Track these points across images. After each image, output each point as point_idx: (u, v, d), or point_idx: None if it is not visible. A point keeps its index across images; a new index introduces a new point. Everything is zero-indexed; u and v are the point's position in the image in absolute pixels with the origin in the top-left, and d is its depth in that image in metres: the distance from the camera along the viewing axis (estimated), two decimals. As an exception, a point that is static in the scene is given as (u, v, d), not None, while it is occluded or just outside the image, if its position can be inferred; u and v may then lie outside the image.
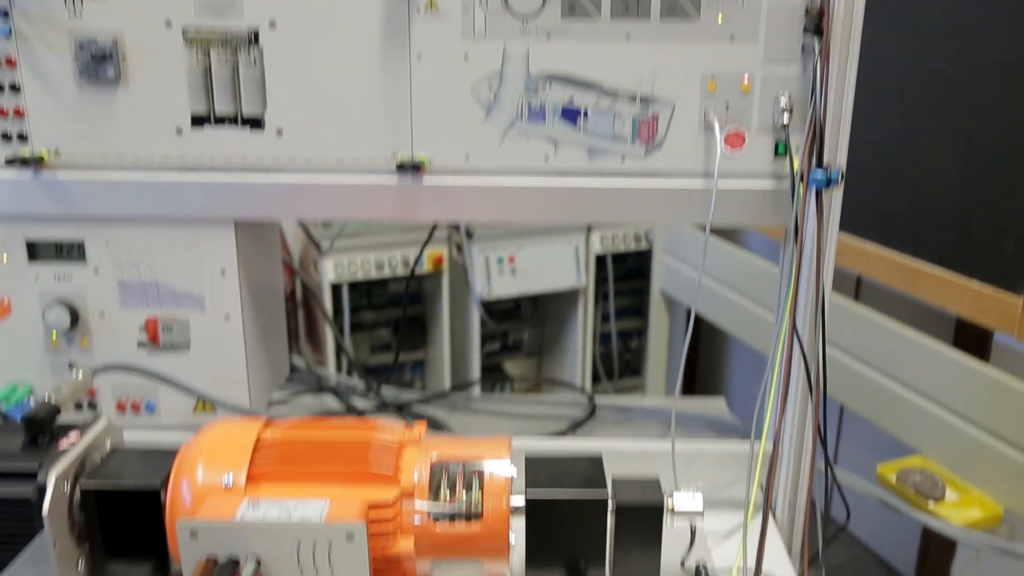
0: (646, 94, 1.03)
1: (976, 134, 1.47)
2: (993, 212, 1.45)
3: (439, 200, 1.08)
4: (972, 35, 1.46)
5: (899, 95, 1.53)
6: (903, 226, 1.60)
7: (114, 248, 1.15)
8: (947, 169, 1.53)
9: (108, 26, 1.05)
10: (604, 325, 3.11)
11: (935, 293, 1.54)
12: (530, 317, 3.12)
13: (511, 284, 2.71)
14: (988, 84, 1.44)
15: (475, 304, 2.76)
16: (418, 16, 1.02)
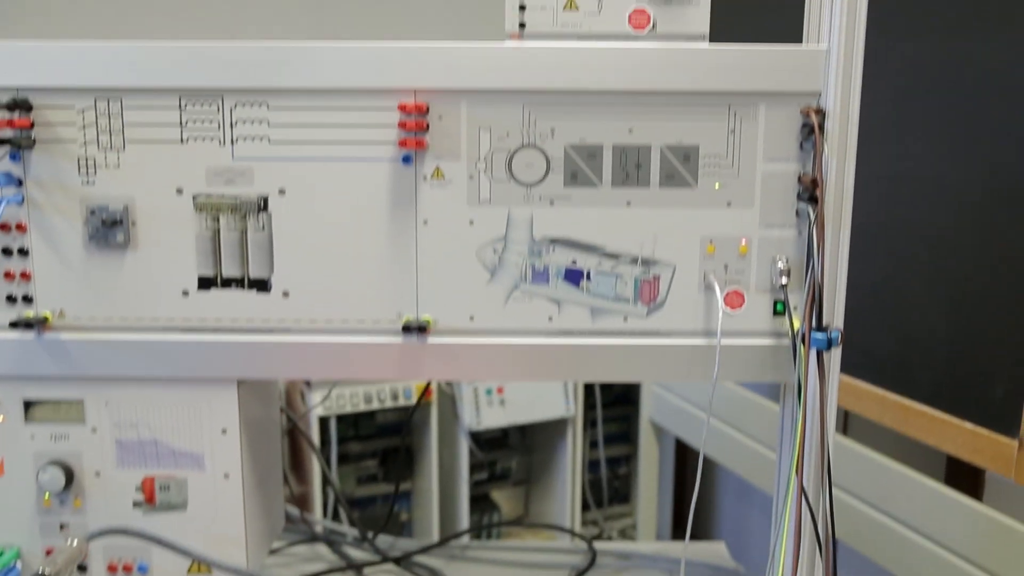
0: (647, 257, 1.06)
1: (960, 278, 1.52)
2: (982, 355, 1.47)
3: (444, 360, 1.09)
4: (950, 184, 1.52)
5: (884, 239, 1.58)
6: (893, 366, 1.62)
7: (114, 408, 1.15)
8: (933, 311, 1.57)
9: (120, 193, 1.08)
10: (592, 451, 3.09)
11: (928, 432, 1.55)
12: (518, 445, 3.10)
13: (500, 415, 2.70)
14: (969, 229, 1.50)
15: (464, 435, 2.74)
16: (424, 184, 1.06)
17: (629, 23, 1.02)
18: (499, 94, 1.03)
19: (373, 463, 2.89)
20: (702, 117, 1.03)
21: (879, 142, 1.55)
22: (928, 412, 1.55)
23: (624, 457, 3.20)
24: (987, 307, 1.45)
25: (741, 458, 2.29)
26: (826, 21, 1.01)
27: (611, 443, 3.12)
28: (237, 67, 1.04)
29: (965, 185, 1.48)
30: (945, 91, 1.52)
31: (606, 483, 3.09)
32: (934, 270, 1.56)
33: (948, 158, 1.51)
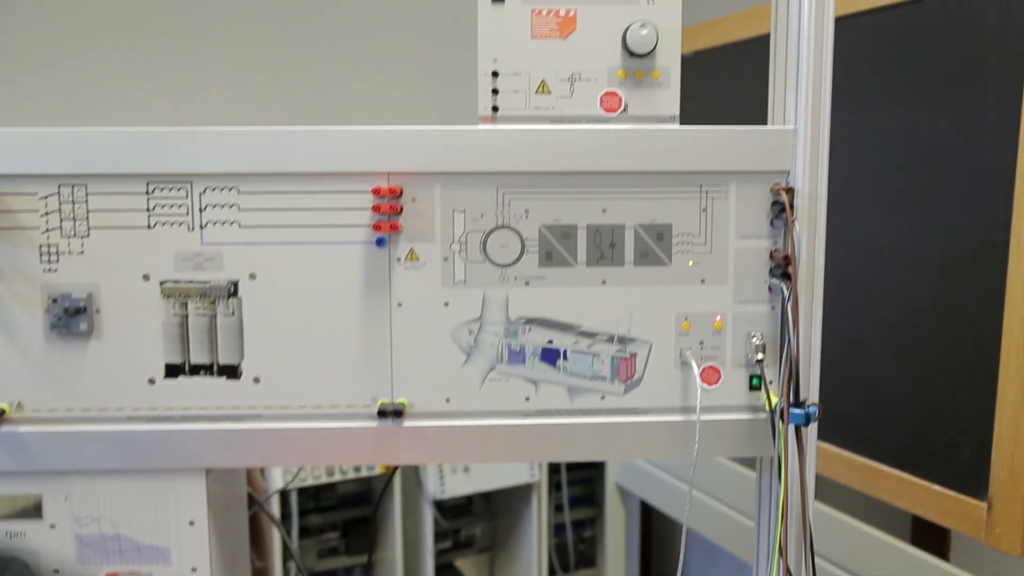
0: (623, 335, 1.06)
1: (923, 342, 1.55)
2: (947, 417, 1.50)
3: (420, 443, 1.07)
4: (910, 250, 1.56)
5: (848, 305, 1.61)
6: (859, 429, 1.64)
7: (74, 502, 1.10)
8: (898, 375, 1.59)
9: (83, 280, 1.05)
10: (557, 515, 3.05)
11: (896, 495, 1.56)
12: (482, 512, 3.05)
13: (465, 483, 2.66)
14: (930, 294, 1.53)
15: (428, 504, 2.69)
16: (398, 266, 1.05)
17: (601, 106, 1.04)
18: (473, 176, 1.03)
19: (335, 535, 2.82)
20: (674, 196, 1.04)
21: (840, 210, 1.59)
22: (896, 474, 1.56)
23: (589, 520, 3.16)
24: (950, 370, 1.48)
25: (707, 520, 2.29)
26: (791, 102, 1.04)
27: (576, 506, 3.09)
28: (207, 152, 1.03)
29: (924, 251, 1.52)
30: (903, 161, 1.56)
31: (572, 547, 3.05)
32: (897, 334, 1.58)
33: (907, 226, 1.55)
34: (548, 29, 1.03)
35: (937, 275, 1.50)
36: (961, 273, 1.45)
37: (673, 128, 1.04)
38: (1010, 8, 1.36)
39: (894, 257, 1.58)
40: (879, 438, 1.61)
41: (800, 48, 1.02)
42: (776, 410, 1.00)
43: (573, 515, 3.05)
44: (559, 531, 3.07)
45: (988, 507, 1.38)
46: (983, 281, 1.39)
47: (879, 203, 1.60)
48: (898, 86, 1.58)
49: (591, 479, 3.12)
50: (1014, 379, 1.33)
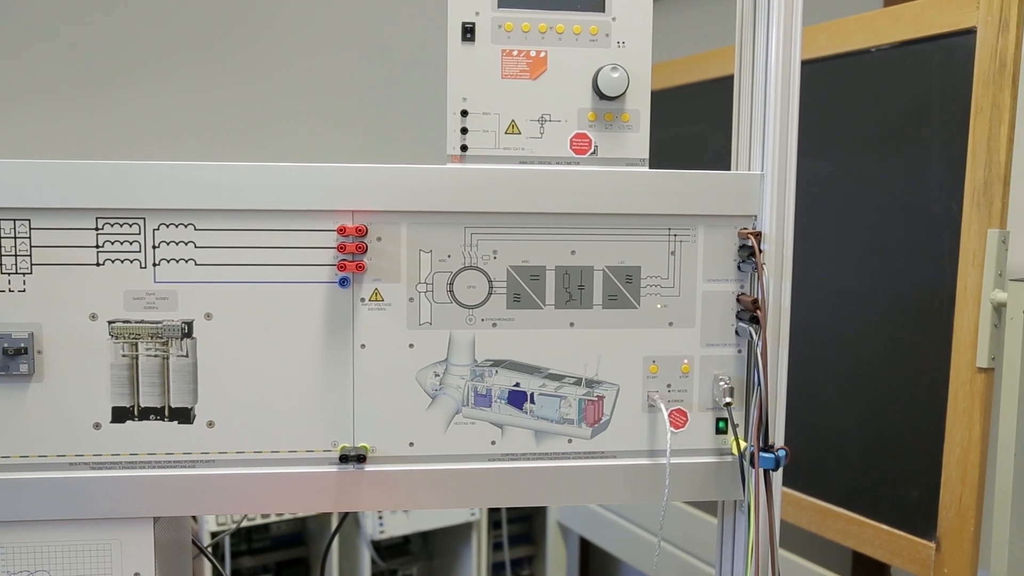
0: (591, 377, 1.05)
1: (871, 383, 1.57)
2: (895, 458, 1.52)
3: (382, 489, 1.03)
4: (857, 292, 1.59)
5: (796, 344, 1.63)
6: (808, 469, 1.66)
7: (8, 554, 1.03)
8: (846, 415, 1.62)
9: (25, 320, 0.99)
10: (496, 554, 3.01)
11: (844, 534, 1.58)
12: (420, 552, 2.99)
13: (404, 523, 2.60)
14: (876, 335, 1.56)
15: (365, 544, 2.62)
16: (362, 307, 1.02)
17: (571, 147, 1.03)
18: (441, 216, 1.02)
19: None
20: (643, 239, 1.04)
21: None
22: (845, 514, 1.58)
23: (527, 558, 3.13)
24: (900, 412, 1.51)
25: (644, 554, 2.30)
26: (757, 146, 1.05)
27: (515, 544, 3.05)
28: (162, 186, 0.99)
29: (873, 295, 1.55)
30: (851, 207, 1.60)
31: (510, 586, 3.01)
32: (848, 376, 1.61)
33: (856, 270, 1.58)
34: (518, 69, 1.02)
35: (886, 319, 1.53)
36: (910, 317, 1.48)
37: (642, 171, 1.04)
38: (952, 60, 1.41)
39: (843, 301, 1.61)
40: (829, 479, 1.63)
41: (767, 92, 1.03)
42: (745, 454, 1.00)
43: (512, 553, 3.02)
44: (498, 569, 3.03)
45: (936, 547, 1.40)
46: (931, 325, 1.42)
47: (828, 248, 1.63)
48: (845, 134, 1.62)
49: (530, 516, 3.09)
50: (962, 420, 1.36)
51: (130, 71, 2.46)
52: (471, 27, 1.01)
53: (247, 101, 2.59)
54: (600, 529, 2.59)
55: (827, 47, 1.63)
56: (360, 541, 2.67)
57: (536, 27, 1.02)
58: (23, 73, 2.36)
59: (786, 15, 1.02)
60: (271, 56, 2.61)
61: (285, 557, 2.75)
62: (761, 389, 0.99)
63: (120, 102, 2.46)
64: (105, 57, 2.43)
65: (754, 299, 1.02)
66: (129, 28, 2.45)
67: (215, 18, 2.54)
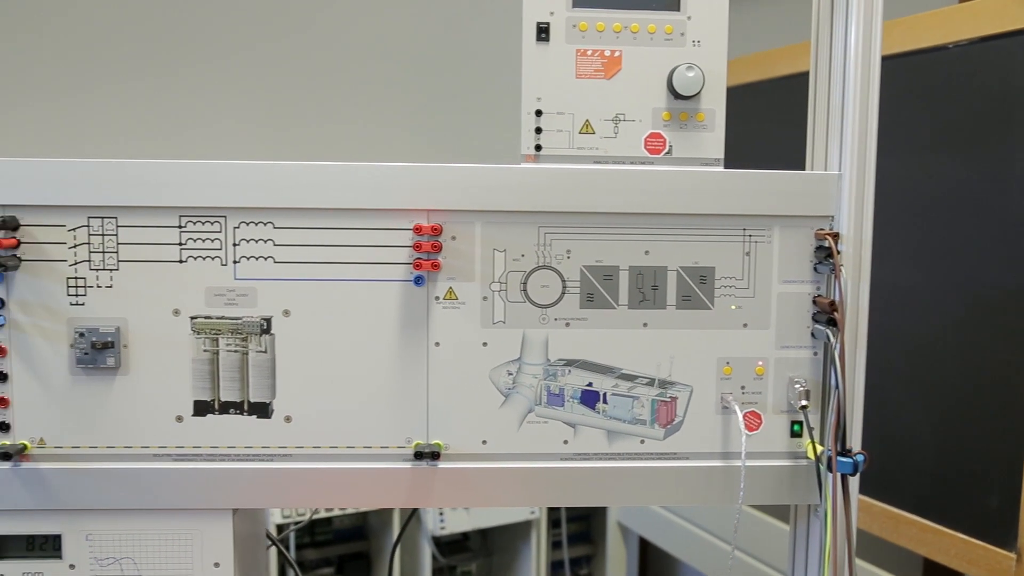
0: (664, 378, 1.05)
1: (945, 387, 1.54)
2: (971, 464, 1.48)
3: (455, 486, 1.04)
4: (931, 294, 1.55)
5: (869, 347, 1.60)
6: (879, 475, 1.62)
7: (95, 542, 1.06)
8: (919, 420, 1.58)
9: (112, 315, 1.02)
10: (555, 552, 3.01)
11: (919, 542, 1.54)
12: (479, 549, 3.01)
13: (465, 520, 2.62)
14: (951, 338, 1.52)
15: (426, 540, 2.65)
16: (437, 305, 1.03)
17: (645, 147, 1.03)
18: (515, 215, 1.02)
19: (330, 571, 2.77)
20: (718, 239, 1.03)
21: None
22: (918, 521, 1.54)
23: (586, 557, 3.12)
24: (976, 416, 1.47)
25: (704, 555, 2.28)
26: (835, 145, 1.03)
27: (573, 543, 3.05)
28: (243, 186, 1.01)
29: (949, 297, 1.51)
30: (928, 206, 1.56)
31: (569, 585, 3.01)
32: (918, 379, 1.58)
33: (931, 271, 1.55)
34: (593, 69, 1.02)
35: (962, 321, 1.49)
36: (986, 319, 1.45)
37: (717, 171, 1.03)
38: (1035, 56, 1.37)
39: (915, 302, 1.57)
40: (901, 484, 1.60)
41: (846, 89, 1.01)
42: (822, 458, 0.98)
43: (571, 552, 3.01)
44: (556, 568, 3.03)
45: (1017, 557, 1.36)
46: (1009, 327, 1.39)
47: (900, 248, 1.59)
48: (917, 131, 1.59)
49: (588, 515, 3.08)
50: (1043, 426, 1.32)
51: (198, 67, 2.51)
52: (546, 27, 1.01)
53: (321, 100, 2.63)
54: (660, 529, 2.57)
55: (901, 43, 1.60)
56: (421, 537, 2.69)
57: (611, 26, 1.02)
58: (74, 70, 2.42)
59: (866, 10, 1.00)
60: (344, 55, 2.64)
61: (347, 551, 2.79)
62: (839, 392, 0.97)
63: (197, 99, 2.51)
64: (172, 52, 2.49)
65: (831, 301, 1.00)
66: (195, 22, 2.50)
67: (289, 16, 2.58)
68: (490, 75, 2.69)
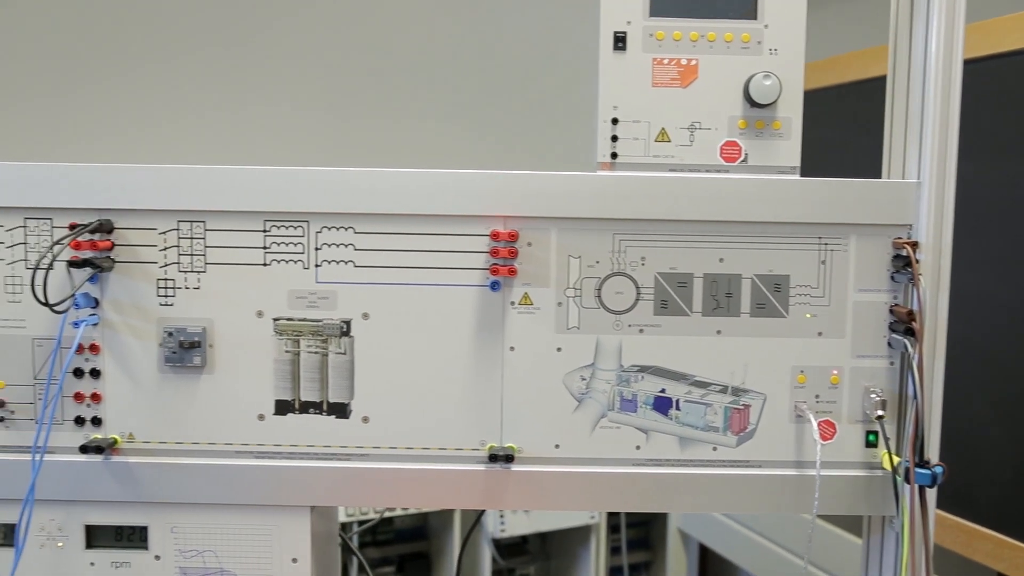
0: (737, 386, 1.05)
1: (1020, 397, 1.51)
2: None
3: (528, 489, 1.06)
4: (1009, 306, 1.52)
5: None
6: (955, 487, 1.59)
7: (180, 534, 1.10)
8: (996, 432, 1.55)
9: (199, 315, 1.06)
10: (613, 558, 3.01)
11: (995, 558, 1.51)
12: (537, 552, 3.02)
13: (525, 523, 2.64)
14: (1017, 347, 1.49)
15: (486, 542, 2.67)
16: (512, 310, 1.05)
17: (720, 155, 1.03)
18: (590, 222, 1.03)
19: (390, 570, 2.81)
20: (793, 247, 1.03)
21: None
22: (994, 536, 1.51)
23: (644, 563, 3.12)
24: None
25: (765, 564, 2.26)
26: (913, 154, 1.03)
27: (632, 549, 3.04)
28: (325, 191, 1.04)
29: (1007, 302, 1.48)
30: (1009, 213, 1.53)
31: (627, 591, 3.00)
32: (995, 388, 1.54)
33: (1003, 276, 1.52)
34: (669, 78, 1.03)
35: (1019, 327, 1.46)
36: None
37: (793, 179, 1.03)
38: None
39: (992, 311, 1.54)
40: (976, 498, 1.57)
41: (925, 94, 1.00)
42: (899, 469, 0.97)
43: (629, 558, 3.01)
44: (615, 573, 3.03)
45: (1099, 573, 1.33)
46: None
47: (977, 256, 1.56)
48: (994, 137, 1.56)
49: (647, 521, 3.08)
50: None
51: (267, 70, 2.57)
52: (623, 36, 1.02)
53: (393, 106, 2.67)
54: (721, 536, 2.56)
55: (978, 49, 1.57)
56: (481, 539, 2.72)
57: (687, 35, 1.02)
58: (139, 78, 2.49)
59: (947, 13, 0.99)
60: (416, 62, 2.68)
61: (408, 550, 2.82)
62: (917, 403, 0.96)
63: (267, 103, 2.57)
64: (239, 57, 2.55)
65: (909, 310, 1.00)
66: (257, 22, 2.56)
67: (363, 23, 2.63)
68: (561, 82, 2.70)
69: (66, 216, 1.05)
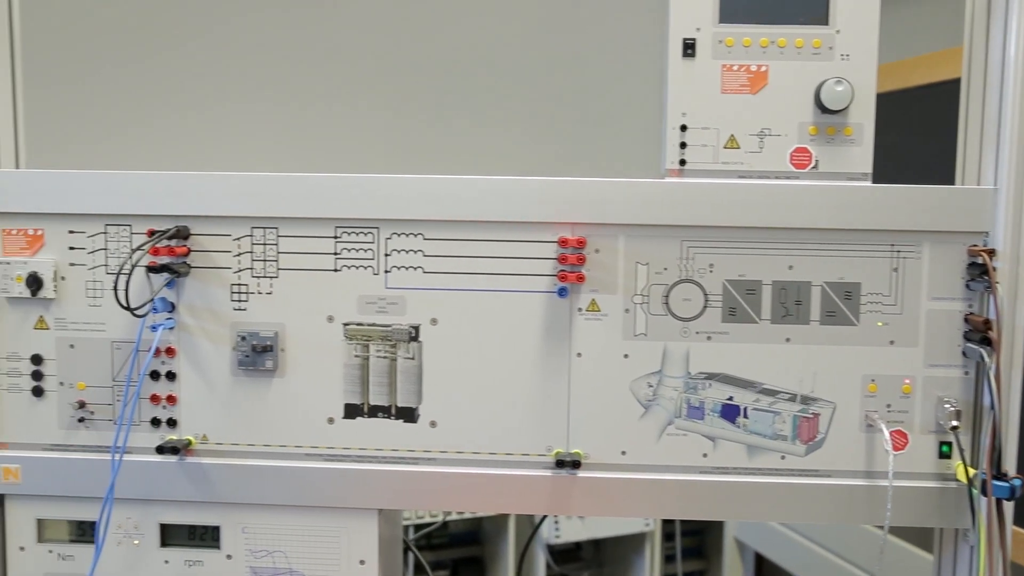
0: (807, 394, 1.04)
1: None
2: None
3: (594, 495, 1.06)
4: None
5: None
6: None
7: (251, 535, 1.13)
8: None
9: (271, 320, 1.08)
10: (667, 566, 2.99)
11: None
12: (591, 559, 3.01)
13: (579, 529, 2.63)
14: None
15: (541, 548, 2.67)
16: (579, 316, 1.05)
17: (790, 162, 1.03)
18: (658, 229, 1.03)
19: (444, 574, 2.82)
20: (864, 255, 1.02)
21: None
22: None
23: (698, 572, 3.09)
24: None
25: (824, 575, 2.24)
26: (989, 160, 1.01)
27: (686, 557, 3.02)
28: (395, 198, 1.05)
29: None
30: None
31: (681, 600, 2.98)
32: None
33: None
34: (739, 84, 1.02)
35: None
36: None
37: (865, 186, 1.02)
38: None
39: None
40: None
41: (1003, 98, 0.99)
42: (975, 481, 0.96)
43: (684, 567, 2.98)
44: (668, 582, 3.01)
45: None
46: None
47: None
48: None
49: (702, 530, 3.05)
50: None
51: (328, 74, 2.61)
52: (692, 43, 1.02)
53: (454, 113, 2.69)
54: (779, 546, 2.52)
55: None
56: (536, 544, 2.72)
57: (757, 42, 1.02)
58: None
59: (1026, 15, 0.97)
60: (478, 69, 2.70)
61: (461, 555, 2.83)
62: (994, 413, 0.95)
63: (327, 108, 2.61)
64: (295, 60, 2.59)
65: (985, 319, 0.98)
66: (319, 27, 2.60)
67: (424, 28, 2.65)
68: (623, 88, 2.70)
69: (144, 223, 1.08)
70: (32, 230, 1.09)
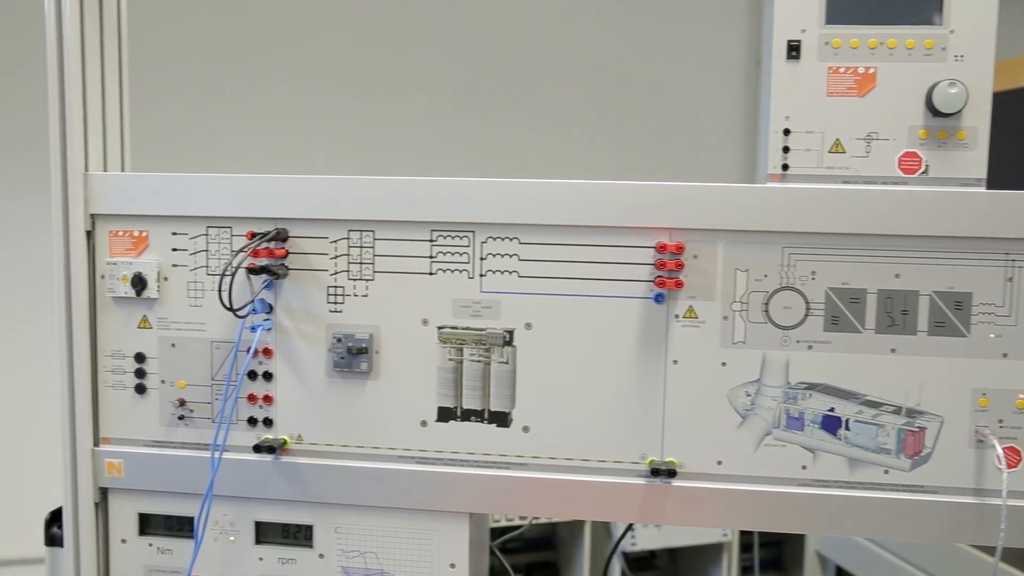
0: (912, 407, 1.00)
1: None
2: None
3: (688, 505, 1.04)
4: None
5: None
6: None
7: (343, 535, 1.14)
8: None
9: (366, 322, 1.09)
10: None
11: None
12: (666, 568, 2.98)
13: (655, 537, 2.60)
14: None
15: (616, 555, 2.65)
16: (676, 323, 1.03)
17: (899, 166, 1.00)
18: (758, 235, 1.01)
19: (517, 578, 2.82)
20: (976, 263, 0.98)
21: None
22: None
23: (776, 585, 3.03)
24: None
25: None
26: (1112, 166, 0.96)
27: (764, 570, 2.96)
28: (491, 202, 1.05)
29: None
30: None
31: (758, 612, 2.92)
32: None
33: None
34: (845, 87, 1.00)
35: None
36: None
37: (978, 192, 0.98)
38: None
39: None
40: None
41: None
42: (1097, 502, 0.91)
43: (761, 579, 2.93)
44: (745, 594, 2.95)
45: None
46: None
47: None
48: None
49: (780, 542, 2.99)
50: None
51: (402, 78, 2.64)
52: (797, 45, 1.00)
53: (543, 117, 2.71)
54: (863, 562, 2.46)
55: None
56: (609, 551, 2.69)
57: (865, 43, 0.99)
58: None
59: None
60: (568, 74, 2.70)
61: (535, 559, 2.83)
62: (1119, 432, 0.90)
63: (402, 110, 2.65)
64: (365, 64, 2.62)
65: (1109, 332, 0.93)
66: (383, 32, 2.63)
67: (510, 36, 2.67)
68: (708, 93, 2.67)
69: (244, 225, 1.10)
70: (137, 232, 1.12)
